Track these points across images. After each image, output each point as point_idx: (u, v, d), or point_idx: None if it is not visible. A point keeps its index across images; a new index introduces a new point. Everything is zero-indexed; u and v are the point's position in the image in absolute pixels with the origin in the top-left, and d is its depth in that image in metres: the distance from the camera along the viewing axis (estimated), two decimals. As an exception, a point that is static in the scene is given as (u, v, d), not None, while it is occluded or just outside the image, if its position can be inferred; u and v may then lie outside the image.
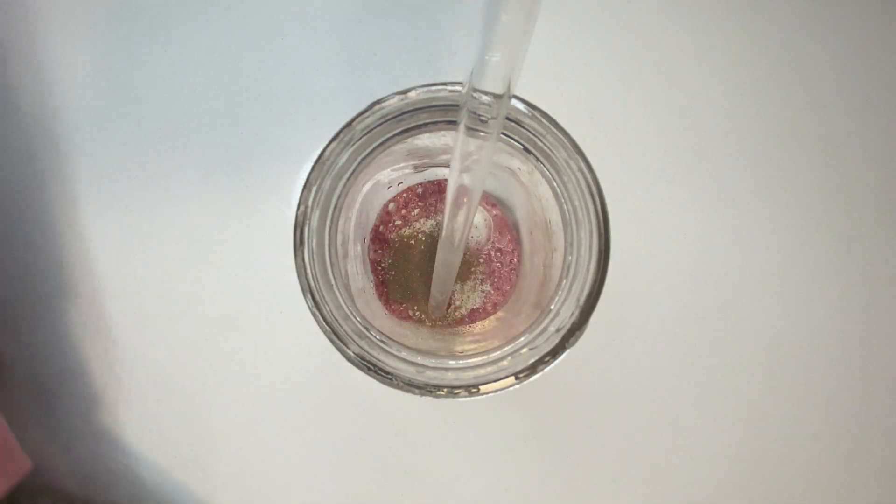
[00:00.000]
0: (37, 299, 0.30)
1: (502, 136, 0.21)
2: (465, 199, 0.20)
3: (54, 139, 0.31)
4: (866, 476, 0.30)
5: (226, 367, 0.30)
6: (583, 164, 0.20)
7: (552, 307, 0.20)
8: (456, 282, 0.27)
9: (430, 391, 0.19)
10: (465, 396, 0.19)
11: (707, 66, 0.32)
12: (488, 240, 0.29)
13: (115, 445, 0.30)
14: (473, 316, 0.29)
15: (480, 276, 0.29)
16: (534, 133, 0.20)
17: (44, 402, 0.30)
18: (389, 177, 0.27)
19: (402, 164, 0.25)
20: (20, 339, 0.30)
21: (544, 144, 0.20)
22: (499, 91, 0.15)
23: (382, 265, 0.29)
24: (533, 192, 0.24)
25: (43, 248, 0.30)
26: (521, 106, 0.20)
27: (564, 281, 0.20)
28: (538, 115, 0.20)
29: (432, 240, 0.29)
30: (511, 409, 0.30)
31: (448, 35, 0.31)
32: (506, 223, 0.29)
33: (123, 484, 0.30)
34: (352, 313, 0.20)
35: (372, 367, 0.20)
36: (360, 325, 0.20)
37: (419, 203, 0.29)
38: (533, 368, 0.20)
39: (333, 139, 0.20)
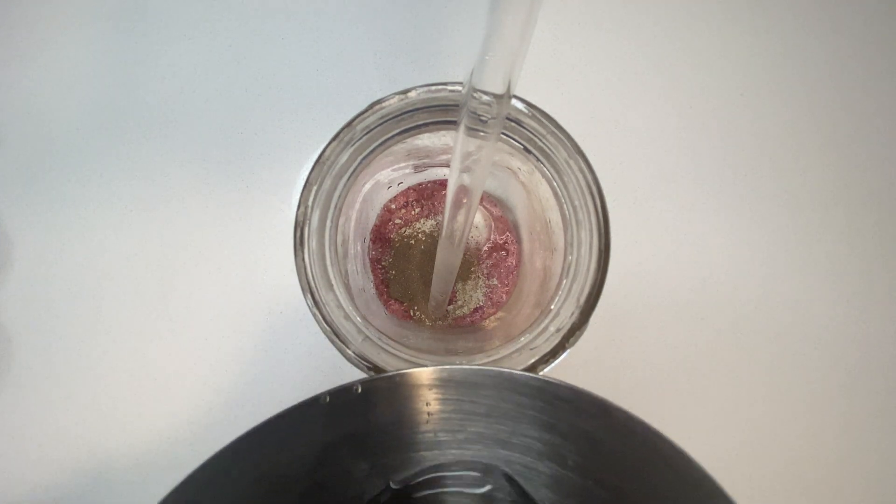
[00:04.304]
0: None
1: (502, 136, 0.21)
2: (465, 199, 0.20)
3: (55, 139, 0.31)
4: (866, 475, 0.30)
5: (225, 367, 0.30)
6: (583, 164, 0.20)
7: (552, 307, 0.20)
8: (456, 282, 0.27)
9: (430, 391, 0.19)
10: (465, 396, 0.19)
11: (707, 66, 0.32)
12: (488, 240, 0.29)
13: (112, 447, 0.30)
14: (474, 316, 0.29)
15: (480, 276, 0.29)
16: (534, 133, 0.20)
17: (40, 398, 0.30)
18: (390, 177, 0.27)
19: (402, 164, 0.25)
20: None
21: (544, 144, 0.20)
22: (499, 91, 0.15)
23: (382, 265, 0.29)
24: (533, 192, 0.24)
25: (42, 247, 0.30)
26: (521, 106, 0.20)
27: (564, 281, 0.20)
28: (538, 115, 0.20)
29: (432, 239, 0.29)
30: (511, 408, 0.30)
31: (448, 35, 0.31)
32: (506, 223, 0.29)
33: (120, 485, 0.30)
34: (352, 313, 0.20)
35: (372, 367, 0.20)
36: (360, 325, 0.20)
37: (419, 203, 0.29)
38: (533, 369, 0.20)
39: (333, 139, 0.20)
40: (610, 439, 0.12)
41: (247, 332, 0.30)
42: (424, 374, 0.12)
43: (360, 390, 0.15)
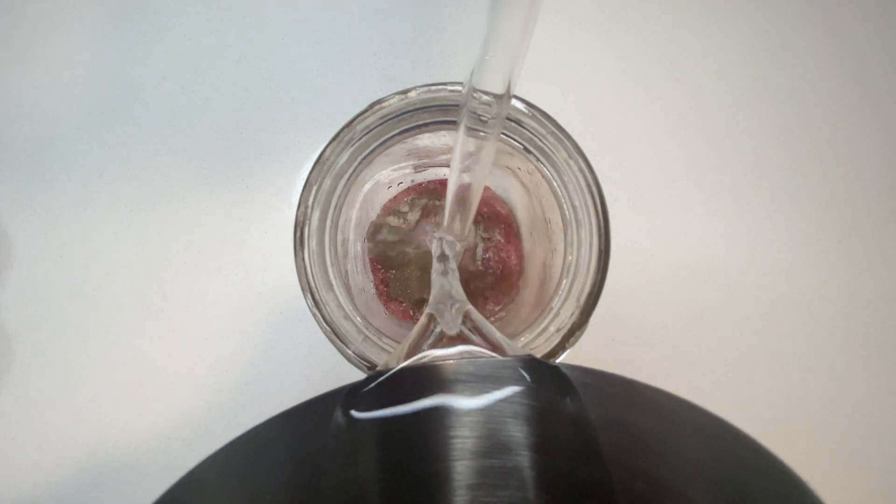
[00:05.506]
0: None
1: (502, 136, 0.21)
2: (465, 199, 0.20)
3: (55, 139, 0.31)
4: (865, 477, 0.30)
5: (225, 367, 0.30)
6: (583, 164, 0.20)
7: (552, 307, 0.20)
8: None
9: (431, 391, 0.19)
10: (466, 396, 0.19)
11: (707, 66, 0.32)
12: (488, 239, 0.29)
13: (112, 447, 0.30)
14: (473, 316, 0.29)
15: (480, 276, 0.29)
16: (534, 133, 0.20)
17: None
18: (390, 177, 0.27)
19: (402, 164, 0.25)
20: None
21: (544, 144, 0.20)
22: (499, 91, 0.15)
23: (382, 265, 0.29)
24: (533, 192, 0.24)
25: (42, 247, 0.30)
26: (521, 106, 0.20)
27: (564, 281, 0.20)
28: (538, 115, 0.20)
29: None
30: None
31: (448, 35, 0.31)
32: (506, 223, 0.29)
33: (120, 485, 0.30)
34: (352, 313, 0.20)
35: (372, 367, 0.20)
36: (360, 325, 0.20)
37: (419, 203, 0.29)
38: (533, 368, 0.19)
39: (333, 139, 0.20)
40: (641, 422, 0.12)
41: (247, 332, 0.30)
42: (449, 367, 0.12)
43: None
